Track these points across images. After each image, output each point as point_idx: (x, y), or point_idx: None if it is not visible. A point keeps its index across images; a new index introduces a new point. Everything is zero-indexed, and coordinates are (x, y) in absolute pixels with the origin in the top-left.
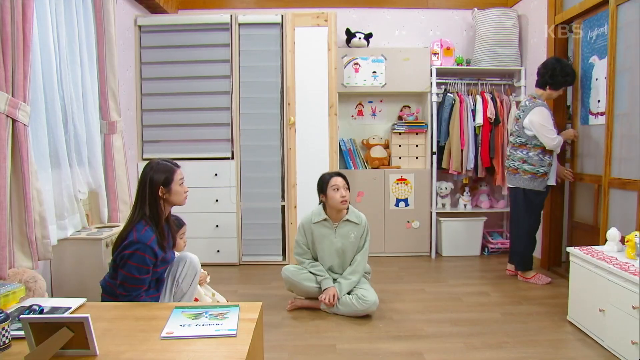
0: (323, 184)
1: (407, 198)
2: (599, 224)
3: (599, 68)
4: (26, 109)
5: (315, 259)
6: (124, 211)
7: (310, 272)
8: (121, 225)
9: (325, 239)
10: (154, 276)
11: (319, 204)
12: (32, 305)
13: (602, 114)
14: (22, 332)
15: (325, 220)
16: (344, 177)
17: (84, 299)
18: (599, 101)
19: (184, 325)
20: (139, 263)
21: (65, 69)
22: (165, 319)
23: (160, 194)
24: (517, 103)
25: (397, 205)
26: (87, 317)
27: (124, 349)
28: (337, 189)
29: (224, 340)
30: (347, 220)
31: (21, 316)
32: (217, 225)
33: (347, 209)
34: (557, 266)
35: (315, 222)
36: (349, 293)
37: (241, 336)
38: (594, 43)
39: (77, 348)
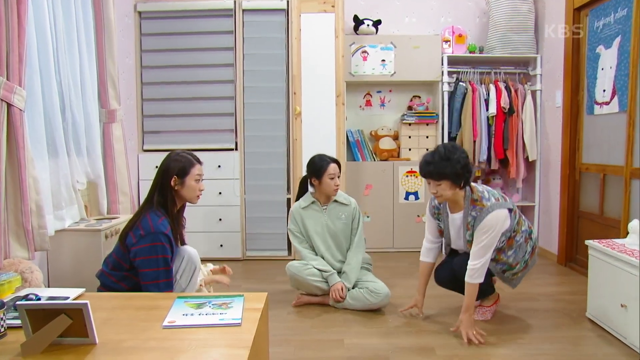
0: (320, 170)
1: (417, 191)
2: (605, 213)
3: (605, 58)
4: (22, 93)
5: (314, 251)
6: (124, 203)
7: (316, 269)
8: (121, 218)
9: (317, 222)
10: None
11: (310, 185)
12: (28, 295)
13: (607, 103)
14: (17, 322)
15: (313, 203)
16: (339, 164)
17: (83, 289)
18: (604, 91)
19: (186, 315)
20: (164, 254)
21: (62, 54)
22: (167, 308)
23: (172, 184)
24: (533, 92)
25: (406, 198)
26: (87, 304)
27: (124, 337)
28: (333, 178)
29: (228, 329)
30: (336, 201)
31: (18, 302)
32: (220, 219)
33: None
34: (574, 262)
35: (304, 207)
36: (359, 287)
37: (246, 325)
38: (600, 33)
39: (75, 336)
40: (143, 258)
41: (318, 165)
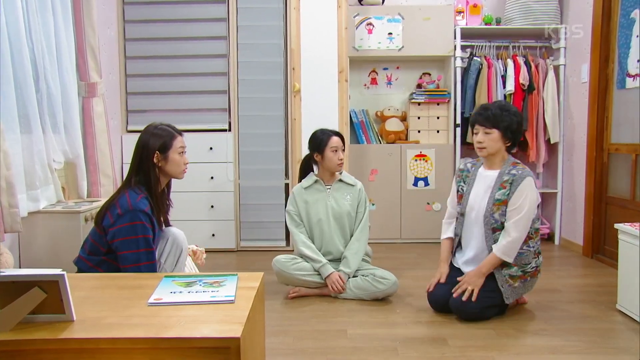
0: (321, 143)
1: (427, 177)
2: (637, 197)
3: None
4: None
5: (311, 240)
6: (106, 185)
7: (305, 258)
8: (102, 201)
9: (319, 202)
10: None
11: (313, 164)
12: None
13: None
14: None
15: (316, 182)
16: (342, 137)
17: (59, 269)
18: (638, 61)
19: (174, 293)
20: (145, 234)
21: (34, 16)
22: (153, 287)
23: (155, 160)
24: (556, 67)
25: (415, 184)
26: (63, 275)
27: (105, 314)
28: (336, 151)
29: (221, 306)
30: (341, 180)
31: None
32: (212, 206)
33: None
34: (601, 253)
35: (306, 187)
36: (362, 275)
37: (240, 303)
38: None
39: (50, 313)
40: (122, 239)
41: (319, 139)
